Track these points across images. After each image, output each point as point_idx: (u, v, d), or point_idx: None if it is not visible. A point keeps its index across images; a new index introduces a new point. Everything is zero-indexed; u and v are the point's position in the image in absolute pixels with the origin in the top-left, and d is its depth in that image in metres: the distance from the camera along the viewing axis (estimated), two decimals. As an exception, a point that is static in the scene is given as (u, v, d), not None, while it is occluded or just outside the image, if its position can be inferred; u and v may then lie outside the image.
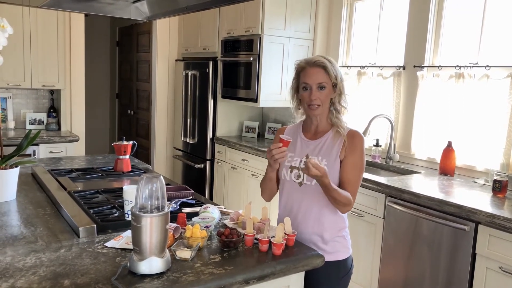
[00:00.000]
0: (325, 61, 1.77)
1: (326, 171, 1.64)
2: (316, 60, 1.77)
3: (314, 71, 1.76)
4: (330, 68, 1.76)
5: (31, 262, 1.44)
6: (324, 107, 1.79)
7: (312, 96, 1.75)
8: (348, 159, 1.76)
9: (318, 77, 1.75)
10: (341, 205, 1.74)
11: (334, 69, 1.77)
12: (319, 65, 1.76)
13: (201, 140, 4.79)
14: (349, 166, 1.76)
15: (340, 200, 1.71)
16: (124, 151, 2.74)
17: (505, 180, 2.59)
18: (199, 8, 2.44)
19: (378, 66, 3.72)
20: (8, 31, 2.02)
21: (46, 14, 4.33)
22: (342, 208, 1.76)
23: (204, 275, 1.39)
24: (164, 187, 1.41)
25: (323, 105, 1.78)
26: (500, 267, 2.25)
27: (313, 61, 1.77)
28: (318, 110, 1.78)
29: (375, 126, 3.53)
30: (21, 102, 4.72)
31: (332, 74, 1.76)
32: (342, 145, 1.77)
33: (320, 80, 1.75)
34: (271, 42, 4.06)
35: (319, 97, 1.76)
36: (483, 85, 3.00)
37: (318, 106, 1.77)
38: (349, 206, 1.76)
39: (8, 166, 2.14)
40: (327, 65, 1.76)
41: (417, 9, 3.44)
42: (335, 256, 1.78)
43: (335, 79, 1.77)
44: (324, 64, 1.76)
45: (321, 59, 1.77)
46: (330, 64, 1.77)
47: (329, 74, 1.75)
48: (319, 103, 1.77)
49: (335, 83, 1.77)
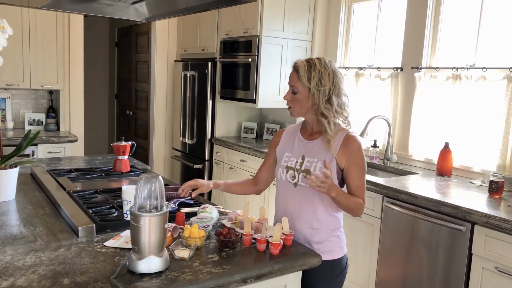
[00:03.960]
0: (301, 64, 1.73)
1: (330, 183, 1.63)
2: (294, 63, 1.78)
3: (291, 74, 1.79)
4: (304, 72, 1.72)
5: (30, 261, 1.45)
6: (299, 110, 1.79)
7: (284, 97, 1.80)
8: (352, 168, 1.76)
9: (291, 79, 1.78)
10: (354, 210, 1.76)
11: (310, 73, 1.71)
12: (294, 68, 1.78)
13: (199, 140, 4.80)
14: (354, 174, 1.76)
15: (352, 207, 1.74)
16: (123, 152, 2.75)
17: (501, 181, 2.61)
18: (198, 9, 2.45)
19: (376, 68, 3.74)
20: (8, 32, 2.03)
21: (46, 15, 4.34)
22: (356, 212, 1.77)
23: (202, 274, 1.41)
24: (163, 187, 1.42)
25: (294, 107, 1.79)
26: (496, 267, 2.27)
27: (294, 63, 1.79)
28: (292, 112, 1.82)
29: (372, 127, 3.55)
30: (20, 102, 4.73)
31: (303, 79, 1.72)
32: (338, 148, 1.76)
33: (292, 83, 1.78)
34: (269, 43, 4.08)
35: (291, 100, 1.79)
36: (480, 86, 3.02)
37: (289, 108, 1.81)
38: (361, 210, 1.78)
39: (8, 166, 2.15)
40: (299, 69, 1.73)
41: (414, 10, 3.46)
42: (330, 255, 1.79)
43: (308, 84, 1.72)
44: (297, 68, 1.75)
45: (298, 62, 1.76)
46: (307, 68, 1.72)
47: (300, 79, 1.73)
48: (290, 105, 1.80)
49: (308, 87, 1.72)
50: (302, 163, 1.80)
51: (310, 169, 1.77)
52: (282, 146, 1.92)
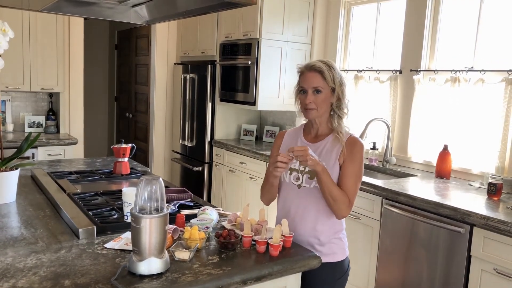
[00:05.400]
0: (322, 65, 1.78)
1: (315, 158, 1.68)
2: (313, 65, 1.79)
3: (311, 75, 1.79)
4: (327, 72, 1.77)
5: (31, 262, 1.46)
6: (321, 111, 1.81)
7: (307, 99, 1.78)
8: (348, 167, 1.77)
9: (314, 81, 1.78)
10: (337, 202, 1.72)
11: (332, 73, 1.78)
12: (315, 69, 1.78)
13: (199, 143, 4.81)
14: (348, 174, 1.76)
15: (336, 196, 1.71)
16: (123, 154, 2.76)
17: (500, 183, 2.62)
18: (198, 12, 2.46)
19: (375, 70, 3.76)
20: (9, 35, 2.04)
21: (46, 18, 4.35)
22: (339, 206, 1.72)
23: (202, 276, 1.41)
24: (164, 189, 1.43)
25: (318, 109, 1.79)
26: (494, 268, 2.27)
27: (310, 65, 1.80)
28: (313, 114, 1.80)
29: (372, 129, 3.56)
30: (20, 105, 4.74)
31: (329, 79, 1.77)
32: (341, 150, 1.78)
33: (315, 84, 1.78)
34: (269, 46, 4.09)
35: (314, 101, 1.78)
36: (478, 89, 3.03)
37: (312, 109, 1.79)
38: (345, 206, 1.73)
39: (8, 169, 2.15)
40: (323, 70, 1.77)
41: (413, 13, 3.48)
42: (332, 257, 1.80)
43: (333, 83, 1.78)
44: (320, 69, 1.77)
45: (318, 64, 1.79)
46: (328, 68, 1.78)
47: (326, 79, 1.77)
48: (314, 106, 1.79)
49: (333, 87, 1.78)
50: None
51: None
52: (285, 148, 1.93)
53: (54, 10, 2.58)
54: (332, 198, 1.72)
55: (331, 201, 1.73)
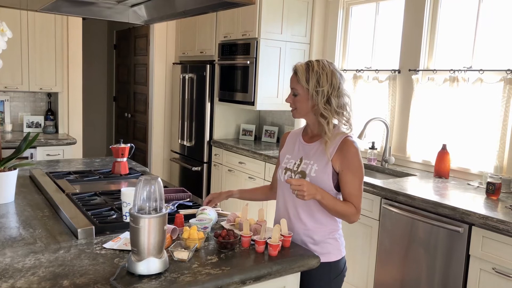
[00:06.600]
0: (299, 67, 1.76)
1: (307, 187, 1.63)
2: (294, 65, 1.80)
3: (291, 77, 1.81)
4: (302, 74, 1.73)
5: (30, 263, 1.46)
6: (301, 111, 1.80)
7: (286, 100, 1.82)
8: (347, 175, 1.74)
9: (291, 82, 1.81)
10: (346, 216, 1.75)
11: (309, 74, 1.72)
12: (293, 70, 1.79)
13: (198, 143, 4.81)
14: (348, 181, 1.74)
15: (341, 212, 1.73)
16: (121, 154, 2.76)
17: (499, 183, 2.62)
18: (197, 12, 2.46)
19: (374, 70, 3.76)
20: (7, 35, 2.04)
21: (44, 18, 4.34)
22: (348, 218, 1.76)
23: (201, 276, 1.41)
24: (162, 189, 1.43)
25: (298, 109, 1.80)
26: (493, 268, 2.28)
27: (294, 66, 1.81)
28: (294, 114, 1.83)
29: (370, 129, 3.57)
30: (18, 105, 4.73)
31: (302, 81, 1.73)
32: (335, 151, 1.75)
33: (291, 85, 1.80)
34: (267, 46, 4.10)
35: (292, 102, 1.81)
36: (477, 88, 3.04)
37: (292, 110, 1.82)
38: (354, 216, 1.75)
39: (7, 169, 2.15)
40: (298, 71, 1.76)
41: (412, 13, 3.48)
42: (327, 257, 1.78)
43: (306, 84, 1.73)
44: (295, 70, 1.77)
45: (297, 65, 1.78)
46: (305, 69, 1.73)
47: (299, 81, 1.75)
48: (293, 107, 1.82)
49: (307, 88, 1.73)
50: (299, 165, 1.82)
51: (305, 171, 1.78)
52: (285, 148, 1.95)
53: (53, 10, 2.57)
54: (340, 215, 1.76)
55: (340, 216, 1.78)
